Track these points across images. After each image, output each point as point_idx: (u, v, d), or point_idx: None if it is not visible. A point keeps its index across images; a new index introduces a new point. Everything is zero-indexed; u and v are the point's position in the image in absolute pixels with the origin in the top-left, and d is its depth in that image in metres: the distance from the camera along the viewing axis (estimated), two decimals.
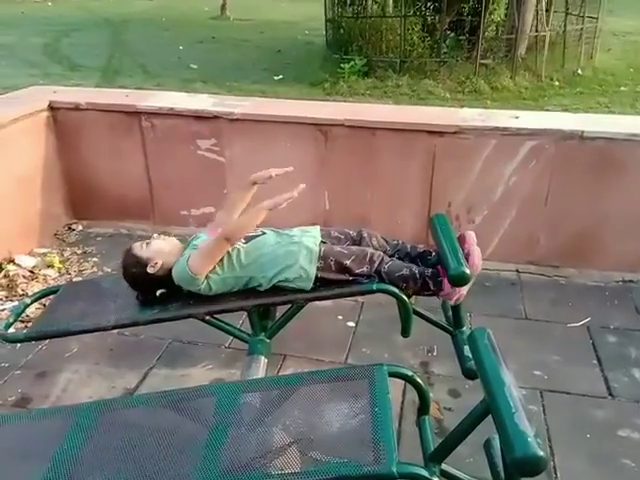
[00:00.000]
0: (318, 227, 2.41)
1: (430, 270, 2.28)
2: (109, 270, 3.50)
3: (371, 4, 10.12)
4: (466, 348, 2.28)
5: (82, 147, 3.85)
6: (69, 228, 3.96)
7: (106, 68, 10.35)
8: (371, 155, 3.50)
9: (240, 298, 2.17)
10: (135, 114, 3.70)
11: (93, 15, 17.27)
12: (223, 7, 16.20)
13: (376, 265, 2.22)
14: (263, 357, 2.14)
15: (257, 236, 2.26)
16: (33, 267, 3.46)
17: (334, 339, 2.92)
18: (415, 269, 2.25)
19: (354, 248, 2.27)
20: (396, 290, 2.16)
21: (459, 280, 2.05)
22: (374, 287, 2.17)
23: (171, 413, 1.61)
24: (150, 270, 2.19)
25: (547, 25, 9.25)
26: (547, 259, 3.48)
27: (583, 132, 3.16)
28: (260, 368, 2.11)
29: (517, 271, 3.49)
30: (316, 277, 2.20)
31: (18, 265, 3.41)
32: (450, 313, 2.47)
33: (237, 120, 3.57)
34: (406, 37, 9.12)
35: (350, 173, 3.58)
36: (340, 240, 2.38)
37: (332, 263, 2.21)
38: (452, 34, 9.73)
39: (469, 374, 2.24)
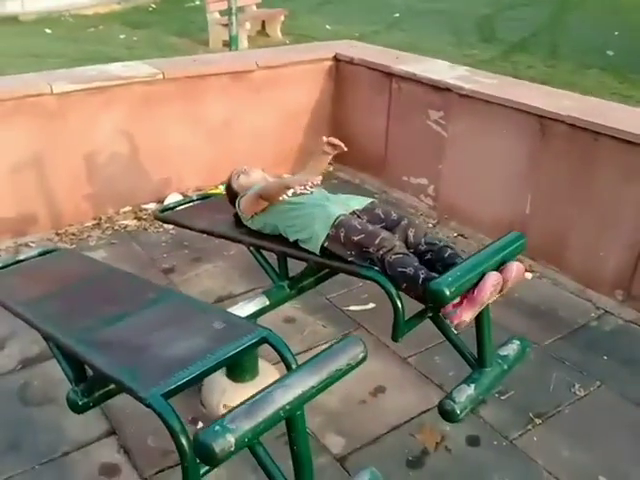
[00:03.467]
0: (369, 200, 2.24)
1: None
2: None
3: None
4: (469, 388, 1.90)
5: (349, 97, 4.22)
6: None
7: (515, 44, 10.30)
8: (587, 164, 2.89)
9: (276, 241, 2.25)
10: (388, 75, 3.85)
11: None
12: None
13: (382, 252, 1.96)
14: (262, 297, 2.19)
15: (303, 194, 2.26)
16: None
17: None
18: (422, 272, 1.90)
19: (370, 227, 2.05)
20: (390, 287, 1.90)
21: (431, 296, 1.70)
22: (369, 273, 1.96)
23: None
24: (234, 184, 2.45)
25: None
26: None
27: None
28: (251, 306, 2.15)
29: None
30: (323, 244, 2.10)
31: None
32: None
33: (465, 96, 3.38)
34: None
35: (559, 180, 3.03)
36: (374, 218, 2.16)
37: (342, 235, 2.04)
38: None
39: (442, 411, 1.89)
